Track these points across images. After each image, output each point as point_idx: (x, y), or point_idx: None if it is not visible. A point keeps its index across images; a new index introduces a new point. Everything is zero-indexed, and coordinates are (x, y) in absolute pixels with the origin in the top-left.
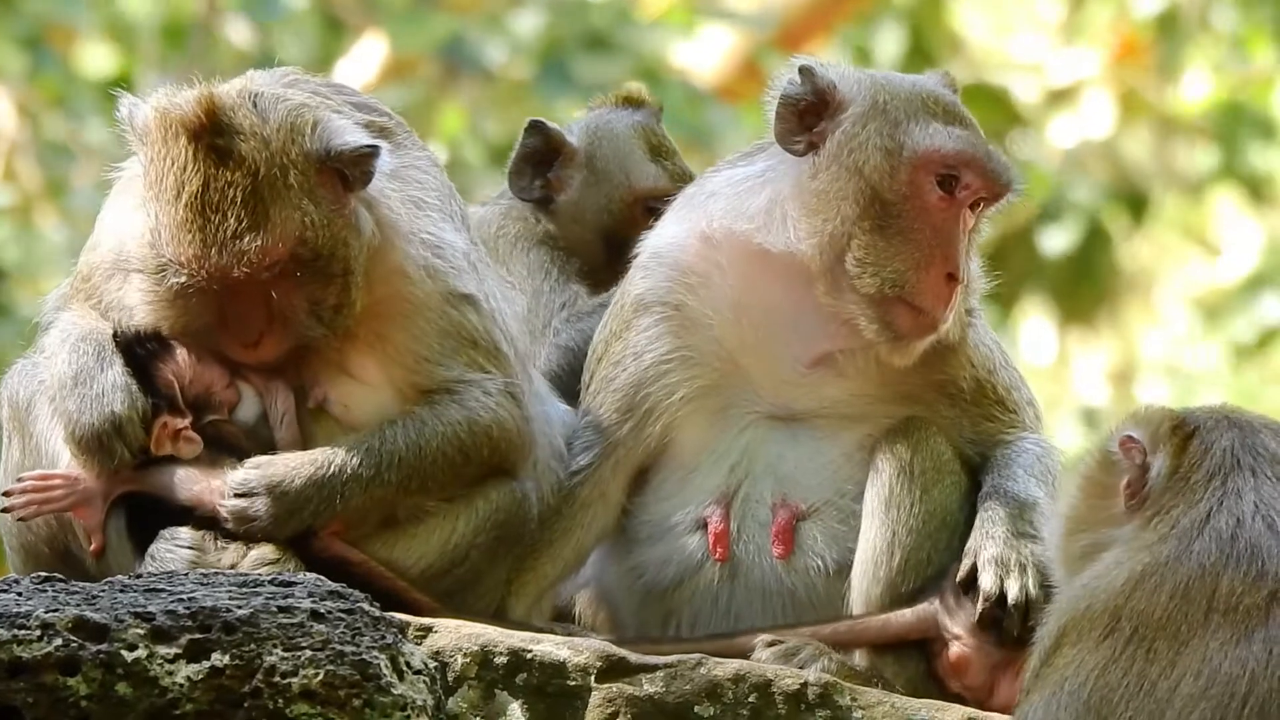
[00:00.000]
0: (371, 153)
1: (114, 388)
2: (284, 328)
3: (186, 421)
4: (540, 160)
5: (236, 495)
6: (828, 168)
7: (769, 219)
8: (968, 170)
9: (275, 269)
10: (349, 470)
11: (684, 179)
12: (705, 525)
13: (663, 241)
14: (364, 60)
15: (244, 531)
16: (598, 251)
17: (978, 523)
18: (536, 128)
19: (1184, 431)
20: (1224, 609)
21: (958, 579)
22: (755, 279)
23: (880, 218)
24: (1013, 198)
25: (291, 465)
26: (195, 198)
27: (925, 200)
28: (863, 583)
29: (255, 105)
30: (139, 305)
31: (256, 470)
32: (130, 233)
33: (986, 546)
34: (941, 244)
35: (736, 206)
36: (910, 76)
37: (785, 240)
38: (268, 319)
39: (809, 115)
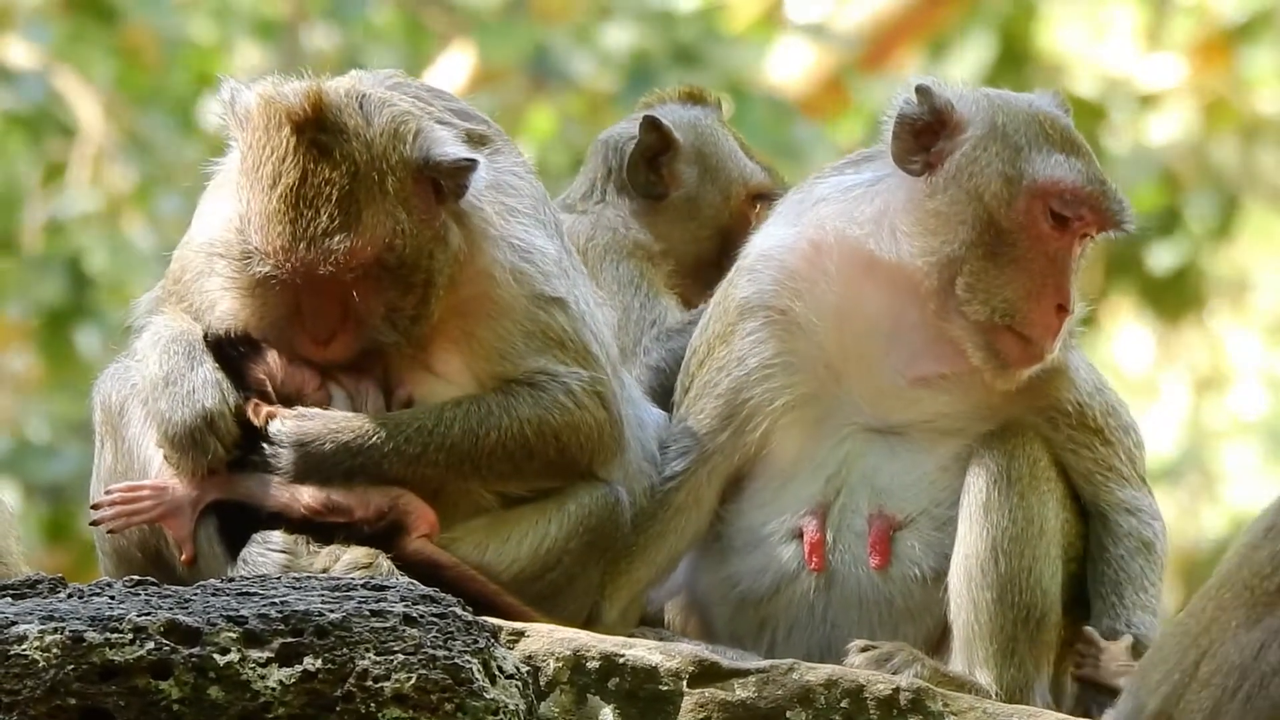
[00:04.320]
0: (469, 166)
1: (205, 384)
2: (357, 329)
3: (277, 409)
4: (651, 156)
5: (270, 441)
6: (945, 189)
7: (878, 228)
8: (1084, 206)
9: (359, 271)
10: (392, 444)
11: (773, 173)
12: (801, 535)
13: (770, 244)
14: (452, 69)
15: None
16: (710, 248)
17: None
18: (654, 125)
19: None
20: (1254, 588)
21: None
22: (861, 286)
23: (994, 244)
24: (1124, 232)
25: (331, 426)
26: (291, 190)
27: (1039, 229)
28: (964, 588)
29: (361, 106)
30: (217, 290)
31: (293, 423)
32: (224, 226)
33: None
34: (1054, 274)
35: (848, 211)
36: (1025, 96)
37: (894, 252)
38: (343, 319)
39: (926, 135)
